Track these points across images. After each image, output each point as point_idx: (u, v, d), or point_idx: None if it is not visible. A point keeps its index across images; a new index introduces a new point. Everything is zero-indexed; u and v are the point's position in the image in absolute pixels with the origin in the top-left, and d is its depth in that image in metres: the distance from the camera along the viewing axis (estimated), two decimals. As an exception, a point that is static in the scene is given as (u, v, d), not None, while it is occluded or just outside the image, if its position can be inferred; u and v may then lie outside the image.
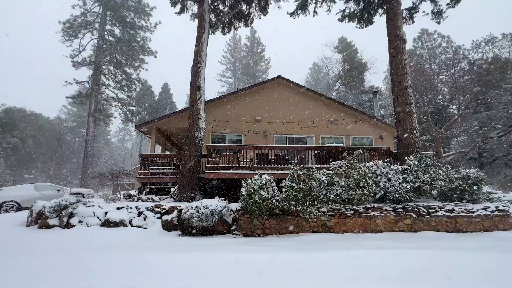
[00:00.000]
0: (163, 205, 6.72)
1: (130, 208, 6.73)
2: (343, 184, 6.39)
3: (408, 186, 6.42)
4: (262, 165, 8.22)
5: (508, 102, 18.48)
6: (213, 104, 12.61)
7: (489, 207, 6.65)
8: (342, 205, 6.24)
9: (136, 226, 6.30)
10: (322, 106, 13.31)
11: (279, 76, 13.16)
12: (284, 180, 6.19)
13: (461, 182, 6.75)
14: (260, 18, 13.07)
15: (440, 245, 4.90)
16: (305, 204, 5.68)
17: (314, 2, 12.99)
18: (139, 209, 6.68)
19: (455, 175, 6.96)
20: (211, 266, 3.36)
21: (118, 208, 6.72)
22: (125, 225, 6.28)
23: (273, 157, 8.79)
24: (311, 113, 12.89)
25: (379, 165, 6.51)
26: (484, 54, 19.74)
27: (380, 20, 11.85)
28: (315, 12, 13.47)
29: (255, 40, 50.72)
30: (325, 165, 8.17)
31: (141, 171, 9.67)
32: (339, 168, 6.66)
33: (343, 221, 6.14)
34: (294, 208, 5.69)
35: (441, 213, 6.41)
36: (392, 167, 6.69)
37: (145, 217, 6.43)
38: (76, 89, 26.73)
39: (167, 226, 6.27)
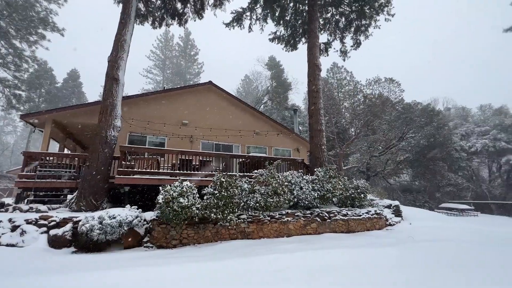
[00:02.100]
0: (52, 217, 5.43)
1: (0, 221, 5.14)
2: (263, 191, 6.78)
3: (316, 194, 7.40)
4: (185, 171, 7.84)
5: (386, 129, 24.20)
6: (135, 101, 11.34)
7: (370, 211, 8.37)
8: (261, 212, 6.59)
9: (7, 245, 4.84)
10: (250, 117, 13.95)
11: (210, 82, 13.09)
12: (206, 187, 6.08)
13: (353, 191, 8.28)
14: (195, 21, 12.79)
15: (338, 244, 5.78)
16: (226, 212, 5.71)
17: (249, 19, 13.74)
18: (13, 222, 5.18)
19: (350, 185, 8.50)
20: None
21: (-23, 223, 5.01)
22: (-14, 245, 4.73)
23: (197, 163, 8.53)
24: (239, 122, 13.30)
25: (294, 175, 7.26)
26: (373, 90, 25.41)
27: (303, 48, 13.59)
28: (250, 28, 14.24)
29: (189, 41, 49.16)
30: (248, 173, 8.49)
31: (24, 173, 7.58)
32: (260, 177, 7.05)
33: (260, 227, 6.48)
34: (215, 216, 5.63)
35: (339, 217, 7.64)
36: (304, 177, 7.59)
37: (23, 233, 5.03)
38: None
39: (57, 243, 5.08)
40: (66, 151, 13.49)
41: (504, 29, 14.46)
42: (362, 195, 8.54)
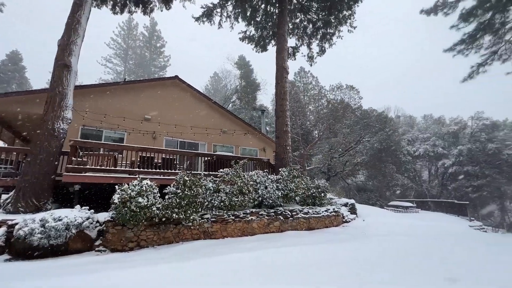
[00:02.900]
0: (-20, 220, 4.67)
1: None
2: (228, 191, 6.75)
3: (280, 193, 7.61)
4: (146, 169, 7.41)
5: (346, 133, 25.97)
6: (90, 91, 10.35)
7: (329, 209, 8.90)
8: (225, 211, 6.55)
9: None
10: (217, 115, 13.76)
11: (176, 77, 12.57)
12: (169, 186, 5.83)
13: (314, 190, 8.71)
14: (161, 11, 12.14)
15: (299, 241, 6.01)
16: (189, 212, 5.55)
17: (219, 15, 13.53)
18: None
19: (312, 185, 8.92)
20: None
21: None
22: None
23: (160, 161, 8.13)
24: (206, 120, 13.03)
25: (259, 175, 7.37)
26: (335, 96, 27.08)
27: (272, 50, 13.84)
28: (220, 25, 14.02)
29: (155, 32, 46.54)
30: (214, 172, 8.38)
31: None
32: (226, 176, 7.01)
33: (224, 226, 6.43)
34: (177, 216, 5.42)
35: (300, 215, 7.97)
36: (269, 176, 7.75)
37: None
38: None
39: (-16, 250, 4.38)
40: (2, 144, 11.71)
41: (444, 49, 16.58)
42: (322, 194, 9.03)
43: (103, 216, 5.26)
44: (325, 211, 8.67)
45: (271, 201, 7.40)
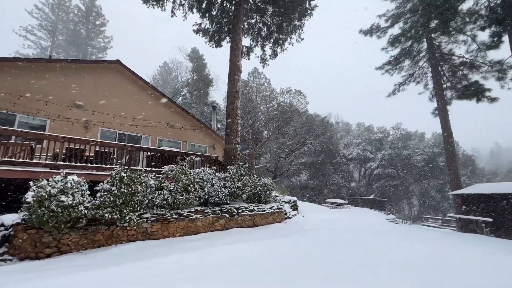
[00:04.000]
0: None
1: None
2: (172, 188, 6.40)
3: (227, 191, 7.61)
4: (74, 163, 6.43)
5: (293, 135, 27.63)
6: (2, 66, 8.43)
7: (273, 206, 9.32)
8: (168, 210, 6.20)
9: None
10: (164, 108, 12.91)
11: (118, 62, 11.29)
12: (101, 183, 5.19)
13: (260, 188, 9.00)
14: (103, -15, 10.70)
15: (243, 238, 6.11)
16: (125, 211, 5.05)
17: (172, 2, 12.71)
18: None
19: (258, 183, 9.19)
20: None
21: None
22: None
23: (92, 154, 7.17)
24: (151, 112, 12.08)
25: (206, 172, 7.22)
26: (285, 99, 28.54)
27: (227, 47, 13.73)
28: (173, 12, 13.18)
29: (94, 8, 40.77)
30: (157, 169, 7.84)
31: None
32: (170, 172, 6.63)
33: (166, 226, 6.09)
34: (110, 216, 4.88)
35: (246, 212, 8.13)
36: (217, 174, 7.66)
37: None
38: None
39: None
40: None
41: (376, 67, 19.22)
42: (268, 192, 9.40)
43: (10, 218, 4.36)
44: (270, 208, 9.05)
45: (217, 199, 7.34)
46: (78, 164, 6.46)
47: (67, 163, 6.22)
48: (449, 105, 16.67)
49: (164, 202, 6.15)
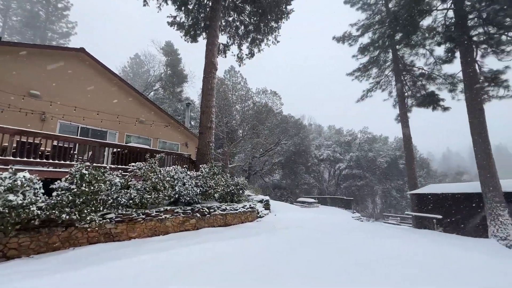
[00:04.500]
0: None
1: None
2: (139, 187, 6.10)
3: (198, 190, 7.45)
4: (27, 159, 5.80)
5: (267, 135, 27.96)
6: None
7: (246, 205, 9.34)
8: (135, 210, 5.89)
9: None
10: (134, 102, 12.24)
11: (83, 50, 10.43)
12: (58, 181, 4.76)
13: (233, 188, 8.97)
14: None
15: (214, 238, 6.03)
16: (86, 211, 4.69)
17: (145, -9, 12.10)
18: None
19: (231, 182, 9.15)
20: None
21: None
22: None
23: (49, 149, 6.53)
24: (119, 106, 11.37)
25: (177, 170, 6.99)
26: (261, 99, 28.78)
27: (203, 43, 13.41)
28: (145, 1, 12.53)
29: (56, -12, 37.10)
30: (124, 166, 7.41)
31: None
32: (138, 170, 6.31)
33: (132, 226, 5.78)
34: (68, 217, 4.49)
35: (218, 212, 8.04)
36: (188, 172, 7.46)
37: None
38: None
39: None
40: None
41: (346, 73, 20.23)
42: (241, 192, 9.39)
43: None
44: (242, 207, 9.06)
45: (188, 198, 7.15)
46: (32, 159, 5.84)
47: (18, 159, 5.60)
48: (410, 112, 18.18)
49: (131, 201, 5.83)
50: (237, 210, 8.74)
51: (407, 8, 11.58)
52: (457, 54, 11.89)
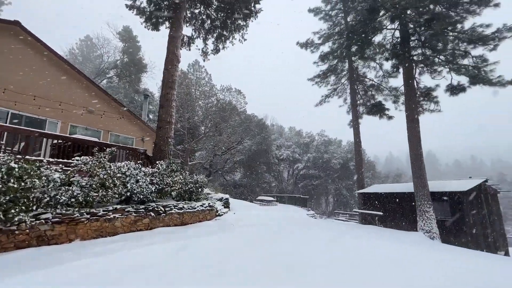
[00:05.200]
0: None
1: None
2: (84, 184, 5.50)
3: (153, 188, 7.04)
4: None
5: (230, 133, 27.82)
6: None
7: (205, 203, 9.16)
8: (77, 209, 5.29)
9: None
10: (82, 89, 10.97)
11: (18, 23, 8.95)
12: (-23, 176, 4.01)
13: (192, 185, 8.71)
14: None
15: (168, 238, 5.78)
16: (14, 211, 4.05)
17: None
18: None
19: (190, 180, 8.87)
20: None
21: None
22: None
23: (-34, 137, 5.46)
24: (62, 92, 10.08)
25: (130, 166, 6.50)
26: (225, 97, 28.49)
27: (165, 32, 12.67)
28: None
29: None
30: (66, 160, 6.60)
31: None
32: (83, 165, 5.68)
33: (73, 228, 5.18)
34: (-11, 218, 3.82)
35: (175, 210, 7.71)
36: (143, 169, 7.00)
37: None
38: None
39: None
40: None
41: (307, 78, 21.31)
42: (200, 190, 9.17)
43: None
44: (201, 205, 8.86)
45: (142, 196, 6.71)
46: None
47: None
48: (361, 119, 20.02)
49: (73, 200, 5.23)
50: (195, 208, 8.51)
51: (362, 24, 12.71)
52: (401, 70, 13.50)
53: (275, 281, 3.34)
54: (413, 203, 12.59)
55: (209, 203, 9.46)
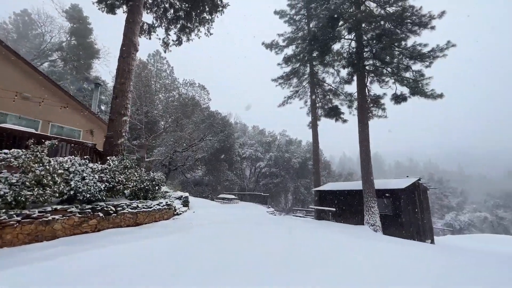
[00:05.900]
0: None
1: None
2: (15, 181, 4.76)
3: (103, 186, 6.45)
4: None
5: (192, 129, 26.91)
6: None
7: (162, 202, 8.72)
8: (5, 211, 4.57)
9: None
10: (14, 71, 9.45)
11: None
12: None
13: (148, 183, 8.22)
14: None
15: (117, 240, 5.34)
16: None
17: None
18: None
19: (146, 177, 8.35)
20: None
21: None
22: None
23: None
24: (-11, 74, 8.55)
25: (75, 162, 5.84)
26: (187, 91, 27.41)
27: (122, 16, 11.65)
28: None
29: None
30: (-9, 154, 5.62)
31: None
32: (14, 160, 4.91)
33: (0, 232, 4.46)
34: None
35: (127, 210, 7.18)
36: (90, 165, 6.36)
37: None
38: None
39: None
40: None
41: (271, 79, 21.80)
42: (157, 188, 8.70)
43: None
44: (157, 204, 8.42)
45: (89, 195, 6.08)
46: None
47: None
48: (319, 121, 21.28)
49: (0, 199, 4.49)
50: (151, 208, 8.05)
51: (322, 32, 13.49)
52: (355, 77, 14.72)
53: (232, 278, 3.37)
54: (362, 200, 13.90)
55: (167, 202, 9.04)
